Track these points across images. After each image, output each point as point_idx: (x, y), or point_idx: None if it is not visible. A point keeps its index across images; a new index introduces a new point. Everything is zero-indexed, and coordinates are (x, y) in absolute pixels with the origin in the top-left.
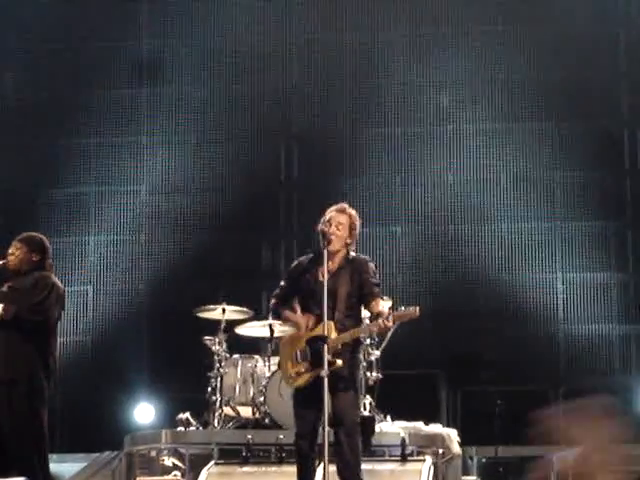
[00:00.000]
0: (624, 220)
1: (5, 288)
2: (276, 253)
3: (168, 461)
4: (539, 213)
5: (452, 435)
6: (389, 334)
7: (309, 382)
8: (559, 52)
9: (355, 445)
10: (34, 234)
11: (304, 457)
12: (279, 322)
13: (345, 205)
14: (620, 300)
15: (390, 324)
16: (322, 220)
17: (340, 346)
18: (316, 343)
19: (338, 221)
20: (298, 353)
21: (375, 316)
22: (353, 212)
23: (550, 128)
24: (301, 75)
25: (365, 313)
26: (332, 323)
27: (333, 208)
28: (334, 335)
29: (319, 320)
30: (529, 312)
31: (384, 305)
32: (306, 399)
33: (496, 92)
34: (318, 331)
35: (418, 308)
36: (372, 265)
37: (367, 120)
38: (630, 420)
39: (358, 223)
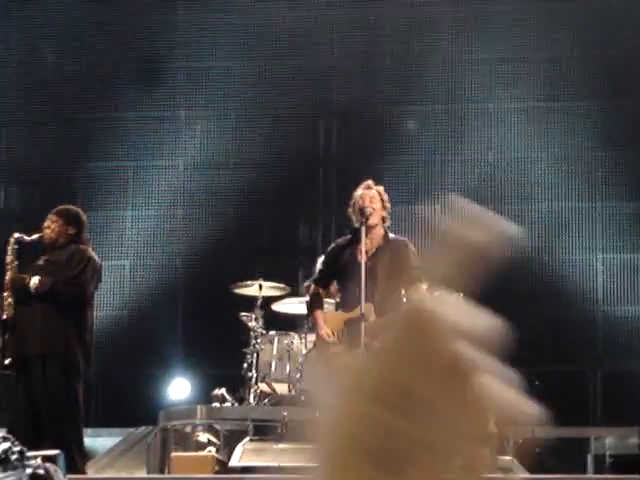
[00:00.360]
0: None
1: (41, 261)
2: (314, 230)
3: (203, 437)
4: (580, 193)
5: None
6: None
7: None
8: (602, 29)
9: None
10: (70, 207)
11: None
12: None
13: (370, 182)
14: None
15: None
16: (352, 202)
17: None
18: (354, 325)
19: (370, 196)
20: (335, 334)
21: None
22: (380, 187)
23: (592, 107)
24: (342, 52)
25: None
26: (371, 305)
27: (360, 187)
28: (373, 318)
29: (358, 302)
30: (568, 293)
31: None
32: None
33: (538, 70)
34: (356, 312)
35: None
36: (412, 247)
37: (407, 98)
38: None
39: (386, 197)
